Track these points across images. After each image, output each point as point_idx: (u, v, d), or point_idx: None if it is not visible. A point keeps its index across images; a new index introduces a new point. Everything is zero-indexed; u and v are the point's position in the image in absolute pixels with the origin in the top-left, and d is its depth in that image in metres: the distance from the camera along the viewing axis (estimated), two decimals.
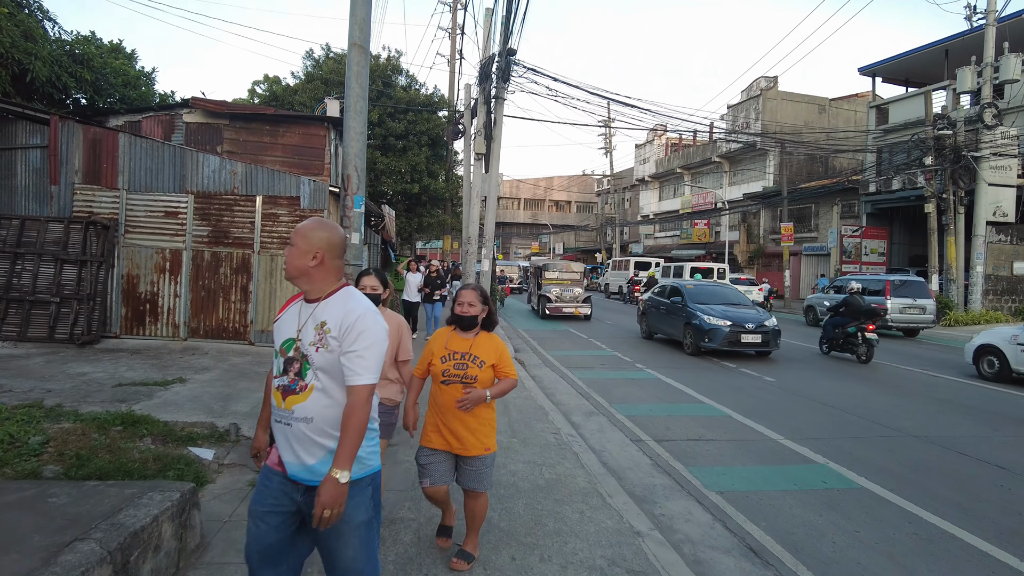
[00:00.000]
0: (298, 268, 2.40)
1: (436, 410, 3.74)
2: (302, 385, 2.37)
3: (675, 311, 14.56)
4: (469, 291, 3.73)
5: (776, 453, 6.81)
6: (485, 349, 3.67)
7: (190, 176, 9.80)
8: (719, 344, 12.83)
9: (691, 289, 14.89)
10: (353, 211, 5.72)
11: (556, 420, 7.49)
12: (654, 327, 16.08)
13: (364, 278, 3.97)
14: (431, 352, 3.72)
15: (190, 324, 9.88)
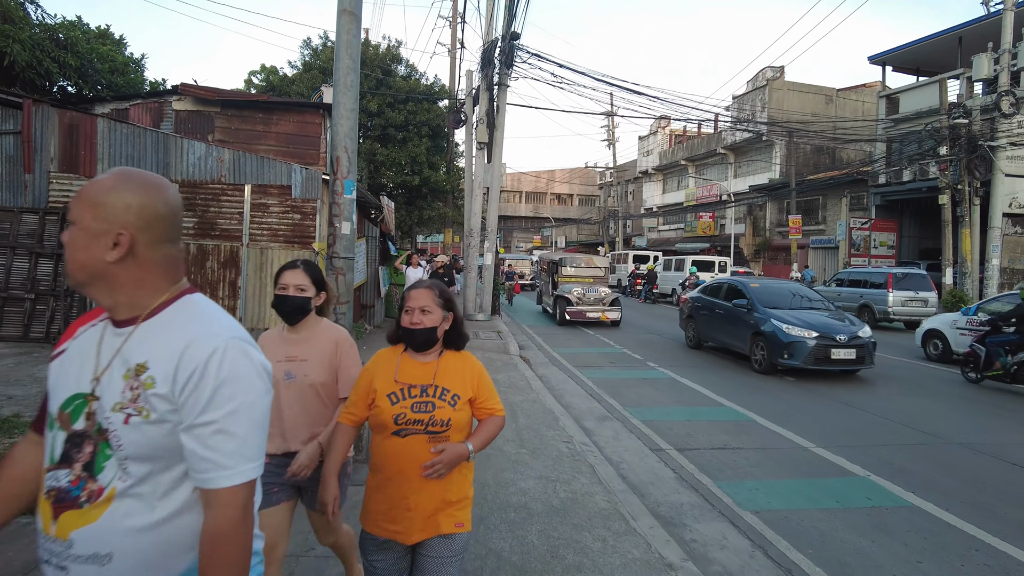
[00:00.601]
0: (86, 266, 1.31)
1: (386, 478, 2.34)
2: (92, 490, 1.27)
3: (736, 316, 11.79)
4: (422, 291, 2.44)
5: (810, 464, 6.22)
6: (456, 376, 2.44)
7: (174, 164, 9.19)
8: (802, 361, 10.12)
9: (757, 289, 11.99)
10: (343, 197, 5.11)
11: (567, 426, 6.90)
12: (705, 334, 13.31)
13: (285, 274, 2.79)
14: (369, 387, 2.41)
15: None
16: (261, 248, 9.29)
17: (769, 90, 37.37)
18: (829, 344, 10.14)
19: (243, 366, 1.31)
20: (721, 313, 12.49)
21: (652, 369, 11.10)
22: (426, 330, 2.38)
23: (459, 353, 2.55)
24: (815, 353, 10.11)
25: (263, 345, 2.76)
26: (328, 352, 2.80)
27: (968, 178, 22.30)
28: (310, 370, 2.75)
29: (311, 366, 2.76)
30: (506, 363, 10.70)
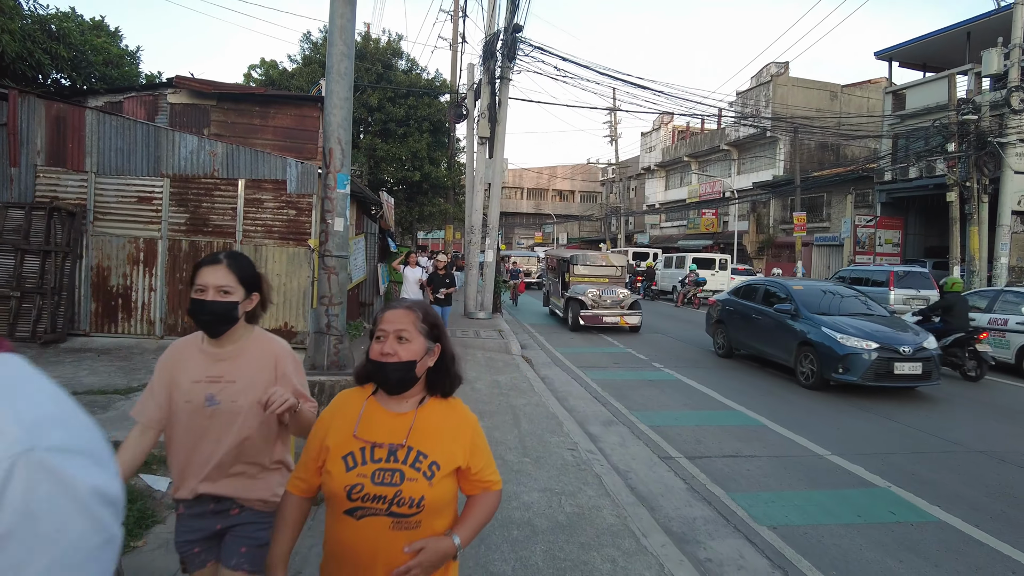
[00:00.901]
0: None
1: (338, 568, 1.76)
2: None
3: (777, 323, 10.41)
4: (399, 312, 1.81)
5: (827, 473, 5.92)
6: (439, 435, 1.79)
7: (165, 158, 8.89)
8: (861, 377, 8.77)
9: (801, 291, 10.56)
10: (336, 192, 4.82)
11: (572, 431, 6.61)
12: (738, 341, 11.85)
13: (203, 271, 2.16)
14: (321, 445, 1.81)
15: (167, 321, 9.01)
16: (255, 245, 9.00)
17: (773, 86, 37.03)
18: (892, 357, 8.77)
19: (47, 501, 0.68)
20: (758, 319, 11.04)
21: (658, 370, 10.80)
22: (402, 365, 1.72)
23: (447, 402, 1.88)
24: (876, 368, 8.73)
25: (175, 360, 2.18)
26: (264, 371, 2.16)
27: (977, 175, 21.96)
28: (240, 394, 2.11)
29: (241, 389, 2.11)
30: (508, 363, 10.42)
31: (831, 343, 9.12)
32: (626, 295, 15.61)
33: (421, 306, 1.87)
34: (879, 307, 10.78)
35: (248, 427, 2.11)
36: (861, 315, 10.10)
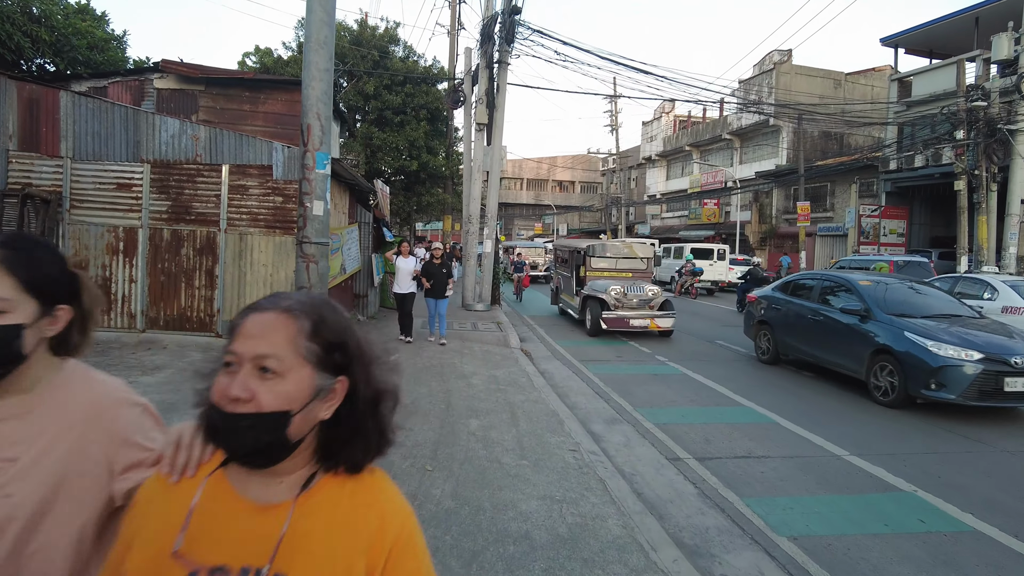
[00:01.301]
0: None
1: None
2: None
3: (842, 326, 8.71)
4: (268, 320, 1.00)
5: (847, 476, 5.52)
6: (332, 552, 1.01)
7: (145, 142, 8.46)
8: (960, 395, 7.22)
9: (872, 288, 8.80)
10: (315, 172, 4.40)
11: (573, 430, 6.21)
12: (787, 345, 10.04)
13: None
14: (117, 569, 1.03)
15: (148, 314, 8.60)
16: (240, 233, 8.58)
17: (776, 74, 36.51)
18: (1001, 370, 7.15)
19: None
20: (816, 320, 9.31)
21: (662, 364, 10.40)
22: (262, 420, 0.96)
23: (358, 482, 1.10)
24: (980, 384, 7.15)
25: None
26: (75, 439, 1.21)
27: (986, 163, 21.51)
28: (19, 486, 1.15)
29: (22, 472, 1.16)
30: (506, 356, 10.02)
31: (920, 352, 7.49)
32: (656, 292, 13.22)
33: (312, 307, 1.05)
34: (966, 307, 9.04)
35: (37, 539, 1.16)
36: (946, 316, 8.43)
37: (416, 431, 5.77)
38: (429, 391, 7.29)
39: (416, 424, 6.00)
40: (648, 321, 12.75)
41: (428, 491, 4.44)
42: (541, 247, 32.62)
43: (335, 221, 11.03)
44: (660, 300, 13.22)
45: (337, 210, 11.15)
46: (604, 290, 13.00)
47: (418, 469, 4.83)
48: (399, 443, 4.53)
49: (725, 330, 14.71)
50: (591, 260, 14.46)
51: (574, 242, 16.94)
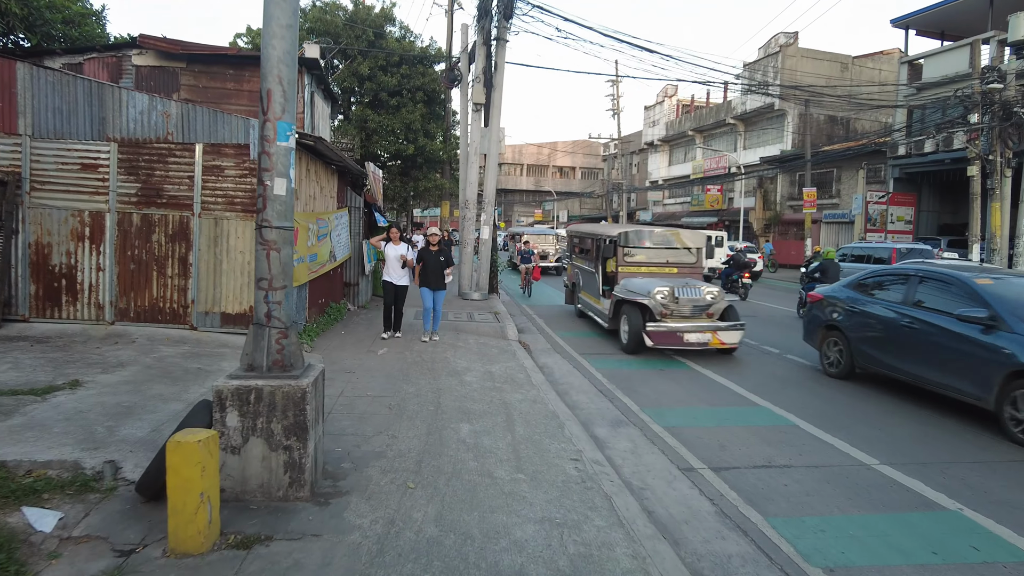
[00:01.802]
0: None
1: None
2: None
3: (950, 335, 6.87)
4: None
5: (880, 490, 4.93)
6: None
7: (112, 119, 7.80)
8: None
9: (993, 287, 6.92)
10: (276, 145, 3.78)
11: (574, 435, 5.62)
12: (868, 356, 8.09)
13: None
14: None
15: (118, 304, 7.98)
16: (215, 218, 7.94)
17: (782, 57, 35.68)
18: None
19: None
20: (912, 328, 7.38)
21: (668, 359, 9.79)
22: None
23: None
24: None
25: None
26: None
27: (1000, 148, 20.81)
28: None
29: None
30: (503, 350, 9.43)
31: None
32: (716, 295, 9.91)
33: None
34: None
35: None
36: None
37: (400, 438, 5.17)
38: (417, 390, 6.69)
39: (401, 429, 5.41)
40: (709, 335, 9.45)
41: (409, 514, 3.85)
42: (552, 234, 29.08)
43: (323, 205, 10.40)
44: (722, 305, 9.97)
45: (324, 193, 10.51)
46: (647, 292, 9.73)
47: (399, 486, 4.24)
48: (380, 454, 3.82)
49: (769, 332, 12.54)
50: (624, 251, 11.18)
51: (599, 228, 13.30)
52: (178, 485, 3.18)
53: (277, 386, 3.79)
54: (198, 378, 6.25)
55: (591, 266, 12.54)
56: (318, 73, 13.47)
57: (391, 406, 6.05)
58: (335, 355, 8.26)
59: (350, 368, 7.53)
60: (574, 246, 14.72)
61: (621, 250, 11.21)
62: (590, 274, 12.62)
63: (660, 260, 11.38)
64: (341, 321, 11.00)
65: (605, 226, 14.26)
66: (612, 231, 11.78)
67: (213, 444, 3.35)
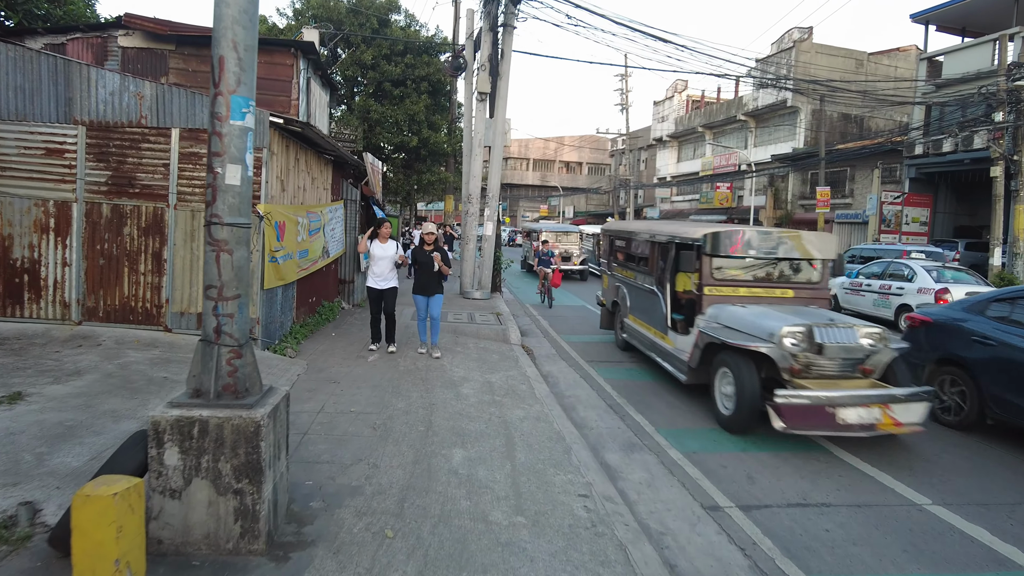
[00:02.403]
0: None
1: None
2: None
3: None
4: None
5: (938, 538, 4.24)
6: None
7: (79, 100, 7.13)
8: None
9: None
10: (229, 124, 3.10)
11: (583, 463, 4.94)
12: (1010, 406, 6.07)
13: None
14: None
15: (85, 303, 7.32)
16: (193, 210, 7.27)
17: (796, 52, 34.85)
18: None
19: None
20: None
21: None
22: None
23: None
24: None
25: None
26: None
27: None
28: None
29: None
30: (505, 355, 8.75)
31: None
32: (877, 338, 6.26)
33: None
34: None
35: None
36: None
37: (382, 468, 4.49)
38: (408, 405, 6.01)
39: (384, 456, 4.73)
40: (877, 411, 5.64)
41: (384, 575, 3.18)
42: (575, 231, 24.41)
43: (314, 198, 9.72)
44: (886, 355, 6.22)
45: (316, 185, 9.84)
46: (766, 333, 6.13)
47: (375, 534, 3.57)
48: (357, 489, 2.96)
49: None
50: (712, 263, 7.36)
51: (661, 226, 8.96)
52: (86, 550, 2.52)
53: (226, 418, 3.11)
54: (162, 389, 5.59)
55: (648, 282, 8.62)
56: (314, 58, 12.78)
57: (376, 425, 5.38)
58: (321, 361, 7.59)
59: (335, 377, 6.86)
60: (614, 250, 10.64)
61: (708, 262, 7.28)
62: (646, 295, 8.68)
63: (769, 278, 7.54)
64: (333, 321, 10.33)
65: (675, 224, 9.22)
66: (690, 231, 7.58)
67: (136, 496, 2.69)
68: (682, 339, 7.49)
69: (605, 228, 11.81)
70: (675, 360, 7.61)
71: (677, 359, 7.55)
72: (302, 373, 6.90)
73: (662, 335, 8.10)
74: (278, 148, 7.65)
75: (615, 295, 10.32)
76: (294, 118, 7.59)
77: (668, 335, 7.88)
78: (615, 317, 10.42)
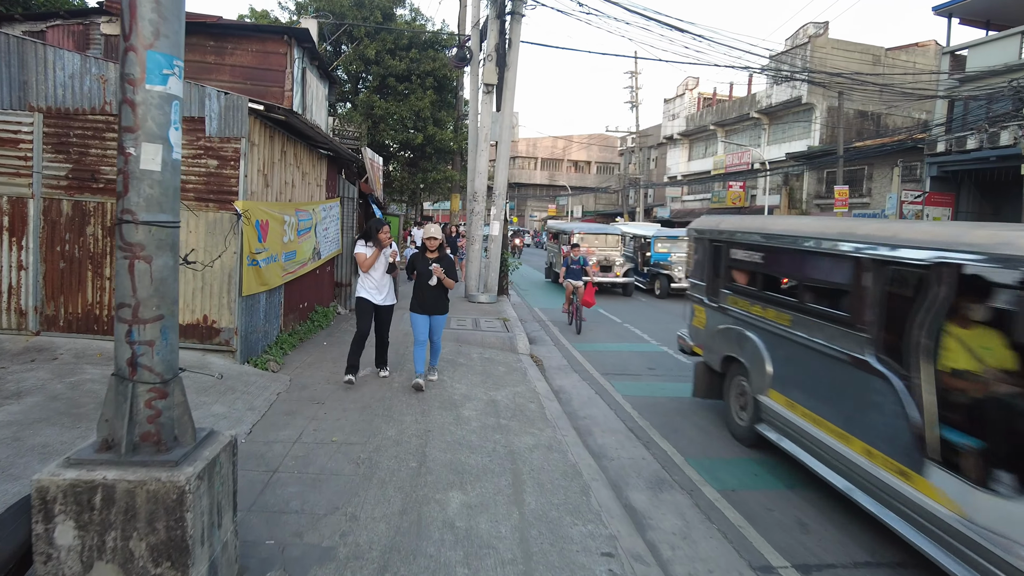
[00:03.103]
0: None
1: None
2: None
3: None
4: None
5: None
6: None
7: (35, 83, 6.37)
8: None
9: None
10: (146, 90, 2.33)
11: (604, 507, 4.14)
12: None
13: None
14: None
15: (44, 311, 6.56)
16: None
17: (811, 48, 33.94)
18: None
19: None
20: None
21: None
22: None
23: None
24: None
25: None
26: None
27: None
28: None
29: None
30: (512, 368, 7.94)
31: None
32: None
33: None
34: None
35: None
36: None
37: (362, 521, 3.69)
38: (399, 433, 5.21)
39: (367, 504, 3.93)
40: None
41: None
42: (616, 233, 19.43)
43: (304, 194, 8.95)
44: None
45: (307, 181, 9.07)
46: None
47: None
48: (328, 552, 3.10)
49: None
50: None
51: (871, 227, 4.68)
52: None
53: (139, 481, 2.32)
54: None
55: (841, 343, 4.50)
56: (310, 47, 12.01)
57: (360, 460, 4.58)
58: (307, 375, 6.80)
59: (320, 396, 6.07)
60: (727, 267, 6.51)
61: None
62: (830, 364, 4.63)
63: None
64: (326, 328, 9.55)
65: (879, 224, 4.80)
66: (972, 236, 3.63)
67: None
68: (986, 502, 3.21)
69: (700, 228, 7.36)
70: (959, 541, 3.33)
71: (966, 542, 3.28)
72: (283, 391, 6.12)
73: (903, 470, 3.79)
74: (260, 139, 6.88)
75: (732, 346, 6.08)
76: (275, 104, 6.81)
77: (928, 476, 3.59)
78: (728, 384, 6.28)
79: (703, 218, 7.51)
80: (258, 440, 4.83)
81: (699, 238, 7.32)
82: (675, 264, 17.97)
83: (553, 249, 20.46)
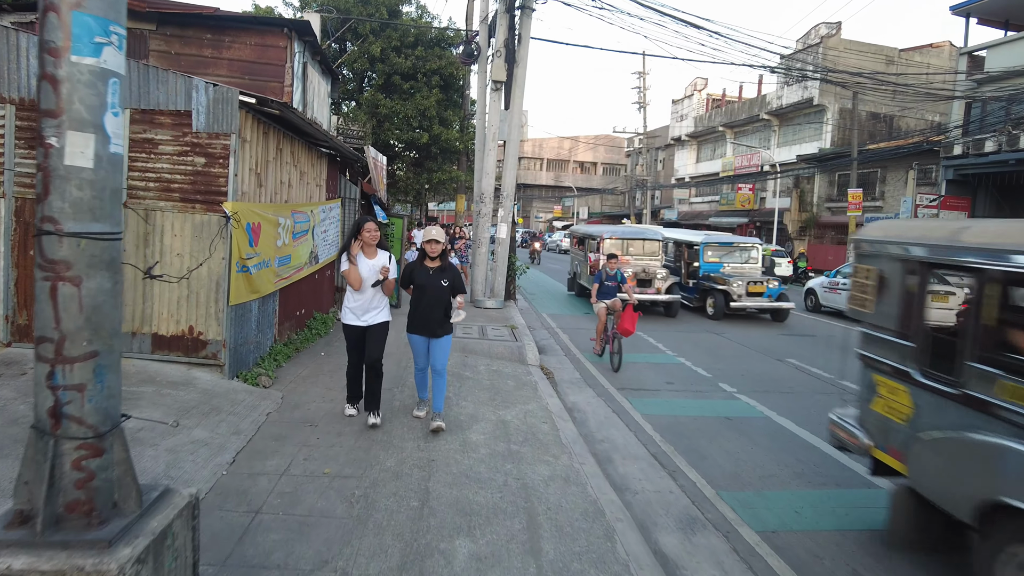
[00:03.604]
0: None
1: None
2: None
3: None
4: None
5: None
6: None
7: (7, 73, 5.87)
8: None
9: None
10: (71, 62, 1.79)
11: (632, 554, 3.60)
12: None
13: None
14: None
15: (16, 320, 6.05)
16: (146, 209, 5.97)
17: (823, 48, 33.32)
18: None
19: None
20: None
21: (731, 397, 7.71)
22: None
23: None
24: None
25: None
26: None
27: None
28: None
29: None
30: (521, 382, 7.40)
31: None
32: None
33: None
34: None
35: None
36: None
37: None
38: (399, 464, 4.67)
39: (360, 556, 3.38)
40: None
41: None
42: (656, 238, 15.99)
43: (302, 195, 8.43)
44: None
45: (306, 180, 8.55)
46: None
47: None
48: None
49: None
50: None
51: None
52: None
53: (54, 573, 1.79)
54: None
55: None
56: (312, 40, 11.50)
57: (354, 498, 4.03)
58: (301, 391, 6.27)
59: (313, 417, 5.54)
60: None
61: None
62: None
63: None
64: (325, 336, 9.03)
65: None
66: None
67: None
68: None
69: (894, 239, 4.26)
70: None
71: None
72: (273, 411, 5.59)
73: None
74: (253, 135, 6.36)
75: (1009, 483, 3.11)
76: (268, 98, 6.29)
77: None
78: (993, 550, 3.22)
79: (882, 224, 4.79)
80: (242, 472, 4.30)
81: (897, 258, 4.13)
82: (732, 278, 14.44)
83: (578, 256, 17.60)
